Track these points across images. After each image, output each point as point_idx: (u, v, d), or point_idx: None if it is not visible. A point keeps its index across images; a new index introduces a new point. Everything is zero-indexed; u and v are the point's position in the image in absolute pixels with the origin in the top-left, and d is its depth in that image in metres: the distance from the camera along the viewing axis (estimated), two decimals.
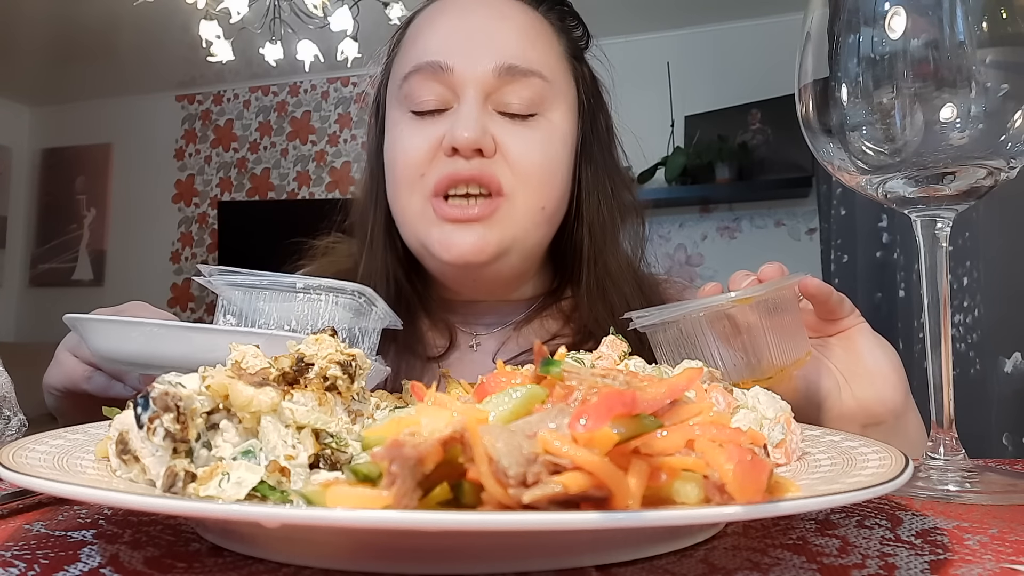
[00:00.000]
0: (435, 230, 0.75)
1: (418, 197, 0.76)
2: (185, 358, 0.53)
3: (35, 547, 0.33)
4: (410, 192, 0.77)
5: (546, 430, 0.27)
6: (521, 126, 0.77)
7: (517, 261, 0.79)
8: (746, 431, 0.32)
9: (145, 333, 0.54)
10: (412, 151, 0.76)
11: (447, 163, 0.74)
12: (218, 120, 4.57)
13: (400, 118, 0.79)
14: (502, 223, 0.75)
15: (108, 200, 4.73)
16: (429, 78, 0.76)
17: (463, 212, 0.74)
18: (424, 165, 0.76)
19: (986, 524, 0.37)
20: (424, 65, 0.77)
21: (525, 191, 0.76)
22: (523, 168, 0.75)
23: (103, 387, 0.66)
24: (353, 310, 0.60)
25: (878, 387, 0.60)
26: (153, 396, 0.34)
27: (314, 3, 2.70)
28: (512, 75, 0.76)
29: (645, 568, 0.30)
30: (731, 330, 0.56)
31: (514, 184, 0.75)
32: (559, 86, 0.80)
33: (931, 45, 0.43)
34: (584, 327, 0.82)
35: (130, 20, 3.43)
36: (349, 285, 0.60)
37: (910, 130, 0.43)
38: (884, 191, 0.47)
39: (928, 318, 0.47)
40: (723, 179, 3.40)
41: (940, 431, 0.46)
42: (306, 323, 0.59)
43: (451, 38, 0.77)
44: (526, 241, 0.78)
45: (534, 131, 0.77)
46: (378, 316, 0.63)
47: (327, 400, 0.37)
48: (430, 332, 0.85)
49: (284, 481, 0.33)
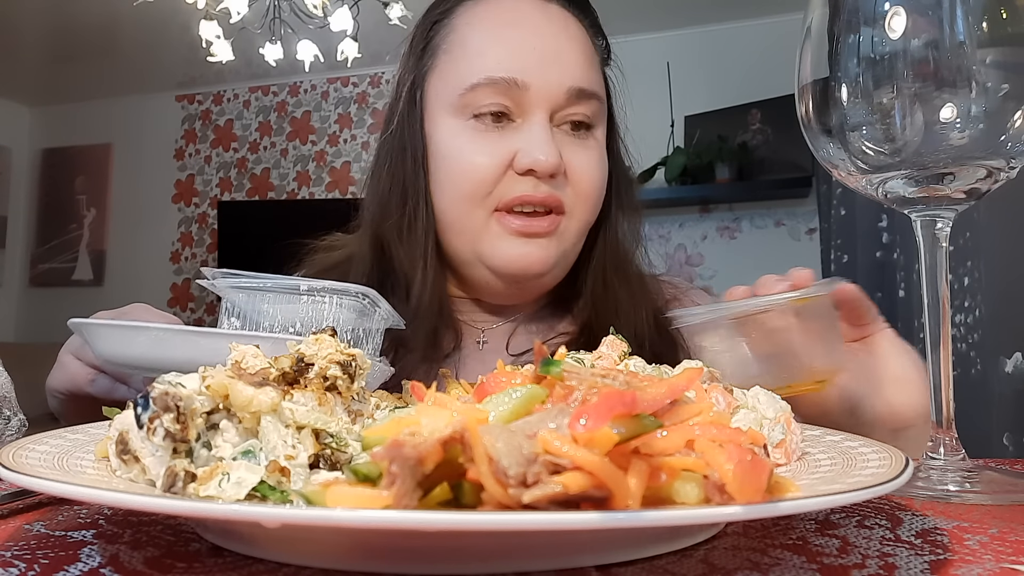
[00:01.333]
0: (502, 243, 0.77)
1: (482, 211, 0.77)
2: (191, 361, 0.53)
3: (35, 547, 0.33)
4: (475, 206, 0.77)
5: (546, 430, 0.27)
6: (580, 143, 0.79)
7: (560, 272, 0.82)
8: (746, 431, 0.32)
9: (151, 337, 0.54)
10: (481, 168, 0.77)
11: (519, 182, 0.76)
12: (218, 120, 4.57)
13: (460, 126, 0.79)
14: (560, 237, 0.78)
15: (108, 200, 4.73)
16: (500, 92, 0.77)
17: (531, 226, 0.76)
18: (492, 183, 0.76)
19: (986, 524, 0.37)
20: (499, 80, 0.77)
21: (582, 209, 0.79)
22: (584, 188, 0.79)
23: (107, 390, 0.66)
24: (357, 311, 0.61)
25: (908, 392, 0.60)
26: (153, 396, 0.34)
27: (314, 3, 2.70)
28: (579, 97, 0.78)
29: (645, 568, 0.30)
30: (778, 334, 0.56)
31: (575, 202, 0.78)
32: (603, 102, 0.83)
33: (931, 45, 0.43)
34: (588, 324, 0.83)
35: (130, 20, 3.43)
36: (352, 287, 0.60)
37: (910, 130, 0.43)
38: (884, 191, 0.47)
39: (928, 318, 0.47)
40: (723, 179, 3.40)
41: (940, 431, 0.46)
42: (310, 325, 0.59)
43: (526, 55, 0.78)
44: (572, 254, 0.82)
45: (590, 150, 0.80)
46: (381, 317, 0.63)
47: (327, 400, 0.37)
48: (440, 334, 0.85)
49: (284, 481, 0.33)
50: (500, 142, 0.77)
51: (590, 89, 0.79)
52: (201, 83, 4.50)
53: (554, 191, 0.77)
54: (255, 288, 0.60)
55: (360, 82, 4.30)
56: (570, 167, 0.78)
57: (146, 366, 0.56)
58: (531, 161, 0.75)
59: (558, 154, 0.75)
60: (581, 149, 0.79)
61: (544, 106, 0.77)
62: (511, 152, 0.76)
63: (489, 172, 0.76)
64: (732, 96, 3.43)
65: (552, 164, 0.75)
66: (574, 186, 0.78)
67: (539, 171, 0.75)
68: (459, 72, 0.80)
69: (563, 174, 0.77)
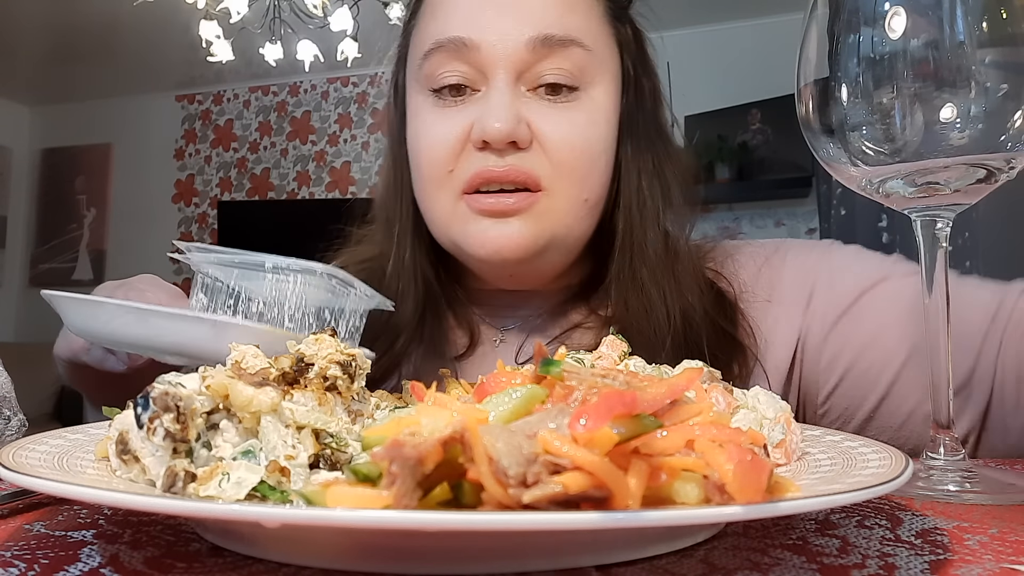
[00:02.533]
0: (470, 226, 0.69)
1: (448, 194, 0.69)
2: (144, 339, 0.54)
3: (35, 547, 0.33)
4: (438, 189, 0.70)
5: (546, 430, 0.27)
6: (560, 107, 0.68)
7: (559, 257, 0.72)
8: (746, 431, 0.32)
9: (109, 313, 0.54)
10: (438, 145, 0.69)
11: (478, 158, 0.67)
12: (218, 120, 4.57)
13: (422, 103, 0.72)
14: (542, 217, 0.68)
15: (108, 200, 4.73)
16: (452, 57, 0.68)
17: (499, 203, 0.67)
18: (451, 160, 0.68)
19: (986, 524, 0.37)
20: (446, 42, 0.68)
21: (566, 184, 0.68)
22: (563, 158, 0.67)
23: (99, 360, 0.65)
24: (327, 291, 0.59)
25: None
26: (153, 396, 0.34)
27: (314, 3, 2.70)
28: (549, 46, 0.67)
29: (645, 568, 0.30)
30: None
31: (553, 177, 0.68)
32: (601, 55, 0.71)
33: (931, 45, 0.43)
34: (610, 318, 0.74)
35: (130, 20, 3.43)
36: (320, 266, 0.58)
37: (910, 130, 0.43)
38: (884, 191, 0.47)
39: (928, 318, 0.47)
40: (723, 179, 3.40)
41: (940, 431, 0.46)
42: (274, 303, 0.58)
43: (476, 9, 0.69)
44: (568, 236, 0.71)
45: (574, 112, 0.69)
46: (358, 297, 0.62)
47: (327, 400, 0.37)
48: (453, 331, 0.79)
49: (284, 481, 0.33)
50: (458, 115, 0.69)
51: (563, 35, 0.67)
52: (201, 83, 4.50)
53: (519, 164, 0.66)
54: (224, 263, 0.59)
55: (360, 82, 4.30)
56: (542, 135, 0.67)
57: (108, 340, 0.57)
58: (481, 131, 0.66)
59: (514, 120, 0.65)
60: (557, 112, 0.68)
61: (503, 66, 0.67)
62: (469, 124, 0.68)
63: (446, 148, 0.68)
64: (732, 96, 3.44)
65: (505, 131, 0.65)
66: (550, 157, 0.67)
67: (492, 141, 0.65)
68: (418, 43, 0.73)
69: (535, 143, 0.67)
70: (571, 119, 0.68)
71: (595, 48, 0.70)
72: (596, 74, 0.70)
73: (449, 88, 0.69)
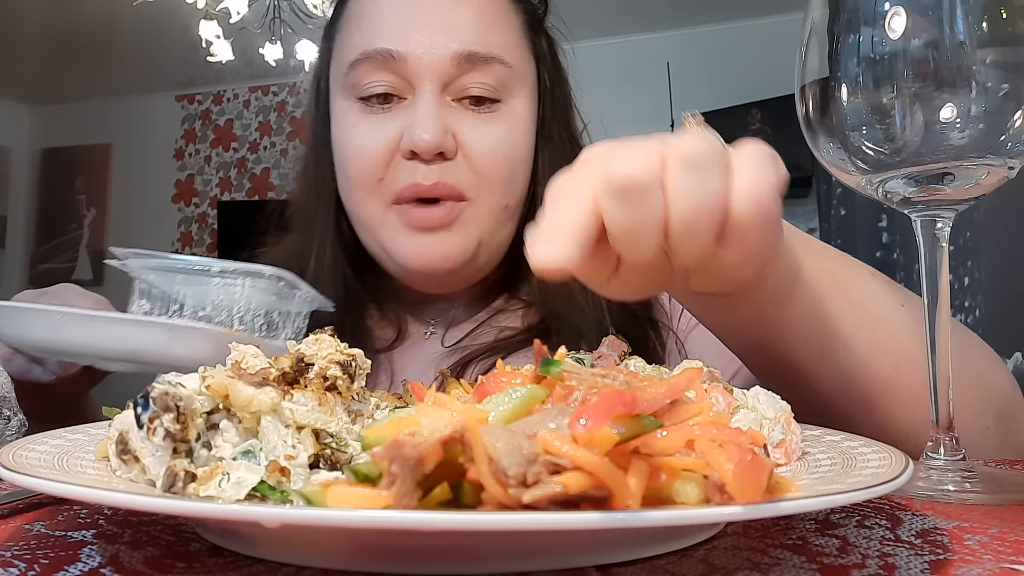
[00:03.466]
0: (400, 237, 0.72)
1: (377, 202, 0.72)
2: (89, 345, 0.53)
3: (35, 547, 0.33)
4: (368, 196, 0.72)
5: (546, 430, 0.27)
6: (483, 118, 0.72)
7: (484, 261, 0.76)
8: (746, 431, 0.32)
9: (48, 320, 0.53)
10: (367, 152, 0.71)
11: (407, 169, 0.70)
12: (218, 120, 4.57)
13: (348, 109, 0.73)
14: (467, 227, 0.72)
15: (108, 200, 4.74)
16: (379, 67, 0.70)
17: (428, 218, 0.70)
18: (381, 168, 0.71)
19: (986, 524, 0.37)
20: (372, 53, 0.70)
21: (488, 192, 0.72)
22: (485, 168, 0.71)
23: (23, 370, 0.64)
24: (273, 294, 0.59)
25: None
26: (153, 396, 0.34)
27: (314, 3, 2.70)
28: (472, 63, 0.70)
29: (645, 568, 0.30)
30: None
31: (477, 187, 0.71)
32: (520, 69, 0.74)
33: (931, 45, 0.43)
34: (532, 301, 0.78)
35: (130, 20, 3.43)
36: (267, 269, 0.58)
37: (910, 130, 0.43)
38: (884, 191, 0.47)
39: (928, 318, 0.47)
40: None
41: (940, 431, 0.46)
42: (222, 307, 0.57)
43: (402, 22, 0.71)
44: (492, 242, 0.75)
45: (496, 123, 0.72)
46: (303, 299, 0.61)
47: (327, 400, 0.37)
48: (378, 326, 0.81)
49: (284, 481, 0.33)
50: (387, 124, 0.71)
51: (485, 52, 0.70)
52: (201, 83, 4.50)
53: (443, 177, 0.69)
54: (166, 268, 0.58)
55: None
56: (466, 145, 0.70)
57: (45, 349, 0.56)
58: (411, 141, 0.68)
59: (442, 131, 0.68)
60: (480, 123, 0.71)
61: (430, 78, 0.69)
62: (398, 133, 0.70)
63: (374, 157, 0.70)
64: (732, 96, 3.44)
65: (433, 143, 0.67)
66: (473, 167, 0.71)
67: (420, 152, 0.68)
68: (342, 51, 0.75)
69: (459, 153, 0.70)
70: (493, 130, 0.72)
71: (515, 63, 0.73)
72: (516, 87, 0.74)
73: (376, 96, 0.72)
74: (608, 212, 0.35)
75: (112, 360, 0.55)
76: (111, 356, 0.54)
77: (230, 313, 0.57)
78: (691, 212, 0.35)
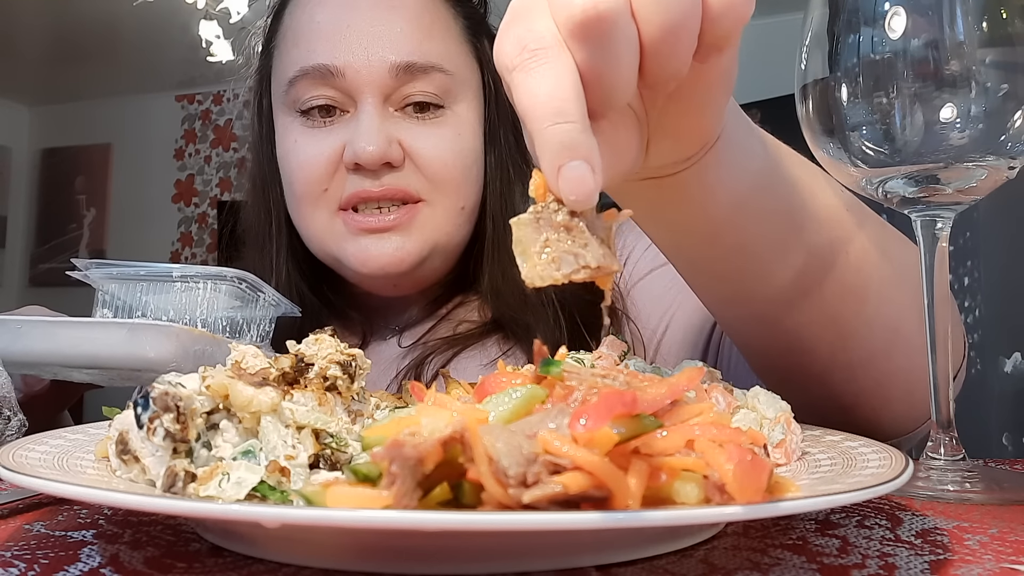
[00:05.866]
0: (348, 244, 0.71)
1: (323, 212, 0.72)
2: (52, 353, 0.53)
3: (35, 547, 0.33)
4: (313, 207, 0.72)
5: (546, 430, 0.27)
6: (428, 124, 0.72)
7: (440, 263, 0.76)
8: (746, 431, 0.32)
9: (10, 331, 0.53)
10: (310, 165, 0.71)
11: (352, 179, 0.70)
12: (218, 120, 4.57)
13: (290, 124, 0.73)
14: (422, 228, 0.72)
15: (108, 200, 4.73)
16: (318, 83, 0.71)
17: (379, 221, 0.70)
18: (326, 179, 0.71)
19: (986, 524, 0.37)
20: (310, 69, 0.71)
21: (442, 195, 0.72)
22: (435, 172, 0.71)
23: None
24: (237, 297, 0.59)
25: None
26: (153, 396, 0.34)
27: None
28: (411, 73, 0.70)
29: (645, 568, 0.30)
30: None
31: (429, 189, 0.71)
32: (462, 75, 0.75)
33: (931, 45, 0.43)
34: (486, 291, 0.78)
35: (130, 20, 3.42)
36: (229, 271, 0.58)
37: (910, 130, 0.43)
38: (884, 191, 0.47)
39: (928, 318, 0.47)
40: None
41: (940, 431, 0.46)
42: (184, 312, 0.57)
43: (337, 36, 0.71)
44: (448, 243, 0.75)
45: (441, 128, 0.72)
46: (267, 303, 0.61)
47: (327, 400, 0.37)
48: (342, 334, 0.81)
49: (284, 481, 0.33)
50: (329, 136, 0.71)
51: (423, 62, 0.70)
52: (201, 83, 4.50)
53: (395, 182, 0.70)
54: (128, 277, 0.58)
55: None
56: (414, 152, 0.70)
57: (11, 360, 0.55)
58: (353, 153, 0.68)
59: (386, 142, 0.68)
60: (426, 130, 0.71)
61: (369, 90, 0.70)
62: (340, 145, 0.70)
63: (317, 169, 0.71)
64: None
65: (377, 154, 0.68)
66: (423, 171, 0.71)
67: (365, 164, 0.68)
68: (281, 68, 0.75)
69: (407, 160, 0.71)
70: (439, 135, 0.72)
71: (455, 70, 0.73)
72: (459, 93, 0.74)
73: (318, 109, 0.72)
74: (580, 57, 0.31)
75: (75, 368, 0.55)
76: (73, 363, 0.54)
77: (193, 317, 0.57)
78: (669, 27, 0.31)
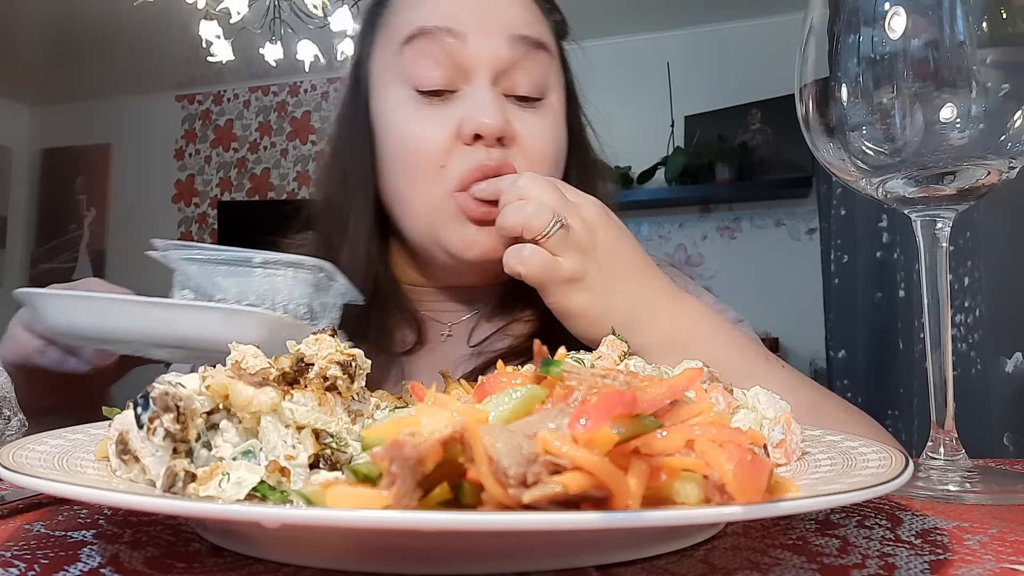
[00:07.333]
0: (457, 227, 0.72)
1: (438, 190, 0.72)
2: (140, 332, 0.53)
3: (35, 547, 0.33)
4: (429, 185, 0.73)
5: (546, 430, 0.27)
6: (531, 112, 0.75)
7: None
8: (746, 431, 0.32)
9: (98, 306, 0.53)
10: (430, 141, 0.72)
11: (469, 153, 0.71)
12: (218, 120, 4.57)
13: (403, 98, 0.74)
14: None
15: (108, 200, 4.73)
16: (435, 45, 0.72)
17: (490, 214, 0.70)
18: (443, 155, 0.72)
19: (986, 524, 0.37)
20: (433, 29, 0.72)
21: None
22: (538, 158, 0.74)
23: (58, 361, 0.64)
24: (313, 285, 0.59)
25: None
26: (153, 396, 0.34)
27: (314, 3, 2.70)
28: (525, 47, 0.73)
29: (645, 568, 0.30)
30: None
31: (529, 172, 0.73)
32: (556, 65, 0.78)
33: (931, 45, 0.43)
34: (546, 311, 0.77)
35: (130, 20, 3.42)
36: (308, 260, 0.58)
37: (910, 130, 0.43)
38: (884, 191, 0.47)
39: (928, 318, 0.47)
40: (723, 179, 3.40)
41: (940, 431, 0.46)
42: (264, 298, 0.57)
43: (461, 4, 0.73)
44: None
45: (543, 117, 0.75)
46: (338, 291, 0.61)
47: (327, 400, 0.37)
48: (398, 327, 0.81)
49: (284, 481, 0.33)
50: (444, 113, 0.72)
51: (536, 38, 0.74)
52: (201, 83, 4.50)
53: (507, 160, 0.72)
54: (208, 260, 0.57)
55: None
56: (520, 134, 0.73)
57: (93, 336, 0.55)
58: (476, 125, 0.70)
59: (504, 117, 0.71)
60: (533, 115, 0.75)
61: (486, 66, 0.72)
62: (457, 121, 0.71)
63: (439, 145, 0.72)
64: (732, 96, 3.43)
65: (498, 126, 0.70)
66: (526, 155, 0.73)
67: (486, 134, 0.70)
68: (393, 34, 0.76)
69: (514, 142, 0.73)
70: (541, 123, 0.75)
71: (554, 55, 0.78)
72: (554, 81, 0.77)
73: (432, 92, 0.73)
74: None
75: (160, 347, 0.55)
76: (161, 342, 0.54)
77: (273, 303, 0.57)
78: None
